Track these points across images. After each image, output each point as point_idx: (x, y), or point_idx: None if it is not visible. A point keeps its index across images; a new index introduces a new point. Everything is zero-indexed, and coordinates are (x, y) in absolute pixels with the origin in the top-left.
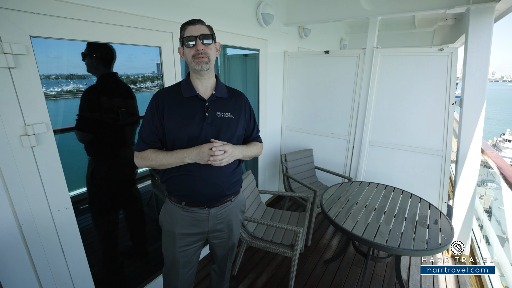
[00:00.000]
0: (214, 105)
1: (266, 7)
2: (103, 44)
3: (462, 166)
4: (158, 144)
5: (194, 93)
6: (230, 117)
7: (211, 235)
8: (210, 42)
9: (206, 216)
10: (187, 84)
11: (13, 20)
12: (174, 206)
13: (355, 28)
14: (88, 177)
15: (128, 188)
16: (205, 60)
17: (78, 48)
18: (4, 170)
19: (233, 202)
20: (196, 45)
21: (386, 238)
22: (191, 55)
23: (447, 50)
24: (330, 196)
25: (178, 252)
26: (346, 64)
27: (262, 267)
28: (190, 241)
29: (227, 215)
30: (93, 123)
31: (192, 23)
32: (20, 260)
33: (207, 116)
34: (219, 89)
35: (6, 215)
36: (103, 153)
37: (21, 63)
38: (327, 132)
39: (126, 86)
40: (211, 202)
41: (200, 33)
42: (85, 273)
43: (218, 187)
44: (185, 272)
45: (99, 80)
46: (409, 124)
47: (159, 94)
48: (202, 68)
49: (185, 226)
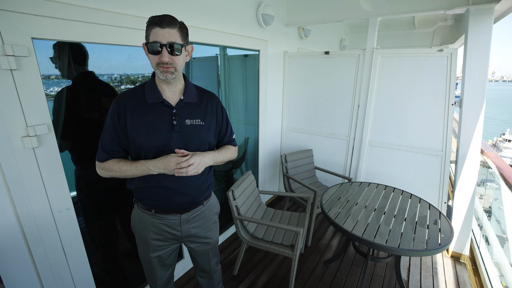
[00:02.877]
0: (182, 112)
1: (266, 8)
2: (71, 44)
3: (461, 167)
4: (120, 153)
5: (160, 99)
6: (200, 124)
7: (186, 239)
8: (180, 52)
9: (177, 221)
10: (152, 88)
11: (15, 22)
12: (143, 213)
13: (355, 28)
14: (76, 186)
15: (119, 193)
16: (171, 70)
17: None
18: (6, 171)
19: (205, 205)
20: (162, 56)
21: (386, 238)
22: (155, 62)
23: (447, 51)
24: (330, 196)
25: (152, 256)
26: (346, 65)
27: (263, 267)
28: (164, 246)
29: (199, 218)
30: (70, 128)
31: (160, 24)
32: (22, 260)
33: (175, 125)
34: (188, 93)
35: (8, 216)
36: (86, 159)
37: (22, 64)
38: (327, 133)
39: (106, 84)
40: (183, 210)
41: (168, 41)
42: (86, 273)
43: (190, 196)
44: (162, 275)
45: (74, 81)
46: (409, 124)
47: (120, 100)
48: (167, 78)
49: (157, 232)
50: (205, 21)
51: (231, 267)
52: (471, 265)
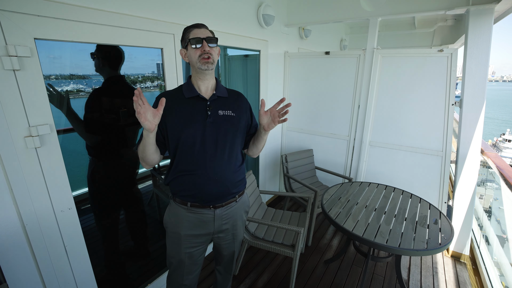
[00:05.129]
0: (215, 103)
1: (267, 8)
2: (112, 46)
3: (462, 166)
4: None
5: (195, 93)
6: (231, 115)
7: (216, 235)
8: (215, 45)
9: (211, 216)
10: (189, 85)
11: (17, 23)
12: (179, 208)
13: (356, 28)
14: (89, 177)
15: (128, 188)
16: (210, 60)
17: (79, 49)
18: (9, 171)
19: (238, 202)
20: (203, 46)
21: (386, 238)
22: (197, 55)
23: (447, 51)
24: (331, 196)
25: (184, 253)
26: (347, 65)
27: (263, 267)
28: (196, 242)
29: (232, 215)
30: (98, 125)
31: (198, 26)
32: (25, 259)
33: (209, 115)
34: (220, 89)
35: (11, 216)
36: (103, 153)
37: (25, 65)
38: (327, 133)
39: (131, 88)
40: (217, 201)
41: (206, 36)
42: (88, 272)
43: (224, 185)
44: (190, 273)
45: (104, 83)
46: (409, 124)
47: (161, 96)
48: (208, 68)
49: (191, 228)
50: (206, 21)
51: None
52: (471, 264)
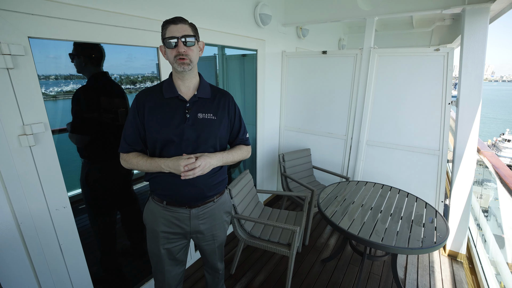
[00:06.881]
0: (195, 106)
1: (264, 7)
2: (90, 43)
3: (458, 165)
4: (140, 146)
5: (175, 94)
6: (212, 118)
7: (194, 235)
8: (193, 44)
9: (187, 216)
10: (169, 84)
11: (11, 22)
12: (156, 205)
13: (354, 28)
14: (83, 179)
15: (124, 189)
16: (187, 61)
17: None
18: (3, 170)
19: (216, 203)
20: (178, 47)
21: (381, 236)
22: (172, 56)
23: (443, 50)
24: (327, 195)
25: (161, 249)
26: (344, 64)
27: (260, 266)
28: (173, 239)
29: (209, 216)
30: (86, 124)
31: (174, 22)
32: (19, 258)
33: (187, 118)
34: (202, 89)
35: (5, 214)
36: (97, 154)
37: (19, 63)
38: (325, 132)
39: (117, 85)
40: (192, 203)
41: (182, 34)
42: (83, 271)
43: (198, 189)
44: (171, 270)
45: (89, 81)
46: (406, 123)
47: (140, 96)
48: (184, 70)
49: (166, 225)
50: (203, 21)
51: (228, 266)
52: (468, 263)
